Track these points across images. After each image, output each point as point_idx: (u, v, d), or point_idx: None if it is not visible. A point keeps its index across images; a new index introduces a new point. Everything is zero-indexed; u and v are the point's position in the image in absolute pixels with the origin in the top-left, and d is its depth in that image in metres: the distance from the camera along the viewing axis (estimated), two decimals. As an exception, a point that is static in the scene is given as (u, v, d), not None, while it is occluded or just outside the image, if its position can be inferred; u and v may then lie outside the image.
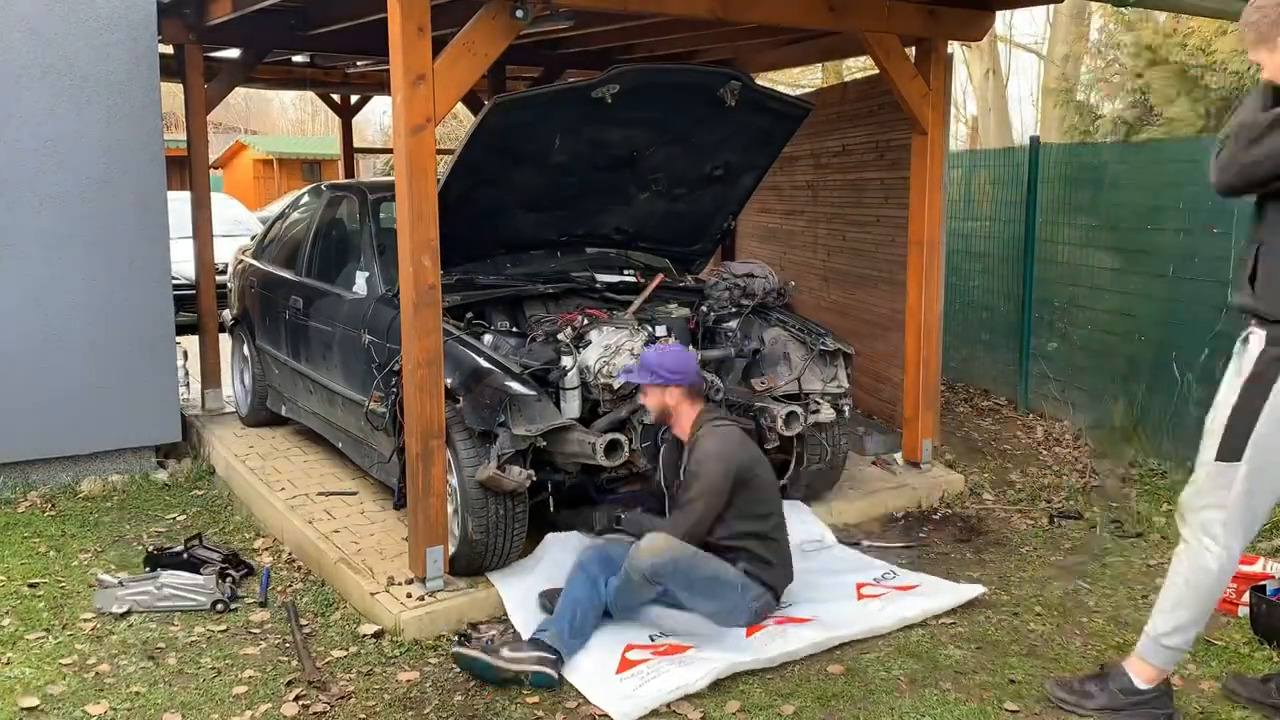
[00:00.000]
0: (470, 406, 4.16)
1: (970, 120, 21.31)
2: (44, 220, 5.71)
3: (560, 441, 4.23)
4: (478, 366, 4.29)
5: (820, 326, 5.29)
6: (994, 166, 7.97)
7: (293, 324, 5.89)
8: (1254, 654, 3.86)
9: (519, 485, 4.10)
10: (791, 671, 3.71)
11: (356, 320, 5.16)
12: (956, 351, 8.00)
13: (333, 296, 5.54)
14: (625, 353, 4.45)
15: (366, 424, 4.90)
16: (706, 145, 5.28)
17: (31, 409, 5.70)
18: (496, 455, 4.09)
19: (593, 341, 4.58)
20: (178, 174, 7.88)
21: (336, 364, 5.36)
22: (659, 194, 5.48)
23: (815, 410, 4.93)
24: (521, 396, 4.15)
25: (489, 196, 4.94)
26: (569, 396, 4.43)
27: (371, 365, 4.85)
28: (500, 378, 4.22)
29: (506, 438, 4.10)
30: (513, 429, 4.09)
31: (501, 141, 4.64)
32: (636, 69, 4.76)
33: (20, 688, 3.65)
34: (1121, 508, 5.51)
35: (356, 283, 5.35)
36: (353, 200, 5.90)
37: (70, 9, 5.69)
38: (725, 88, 4.86)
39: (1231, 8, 5.22)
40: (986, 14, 5.61)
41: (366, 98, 12.09)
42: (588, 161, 5.04)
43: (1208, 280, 5.80)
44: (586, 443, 4.20)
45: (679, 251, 5.98)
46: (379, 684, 3.67)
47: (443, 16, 4.14)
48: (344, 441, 5.50)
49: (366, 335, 4.99)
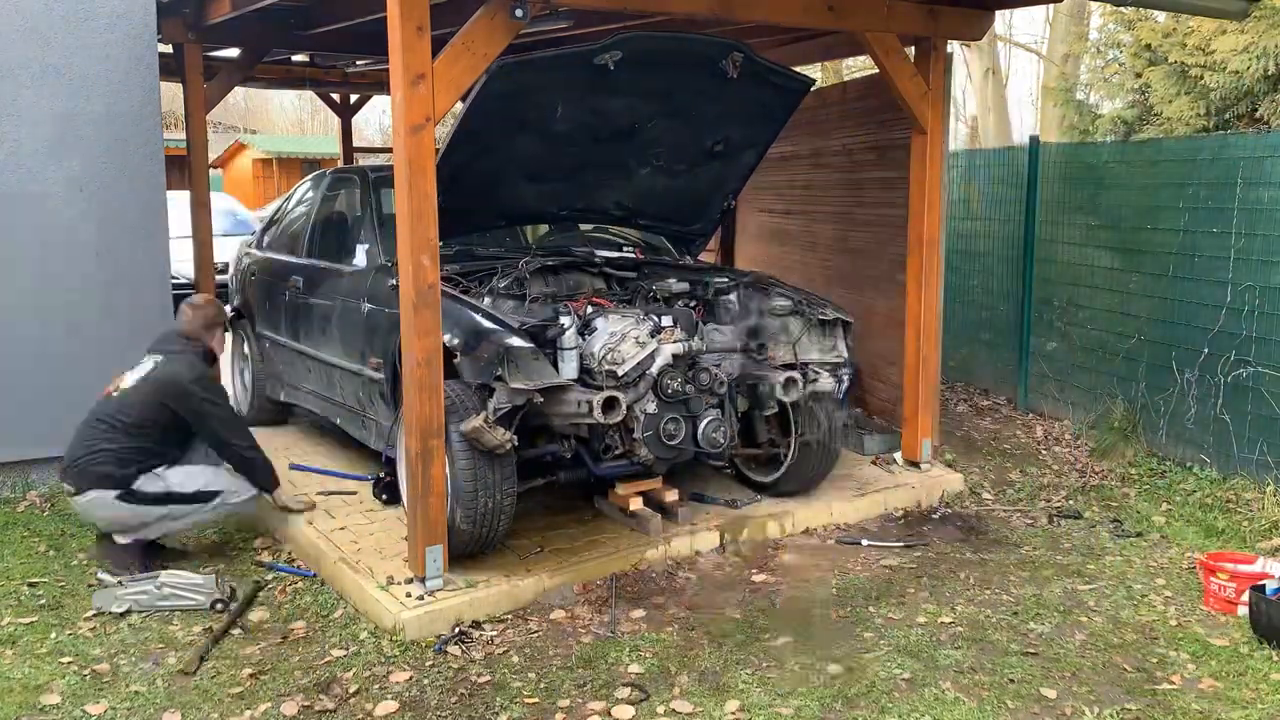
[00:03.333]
0: (468, 361, 4.15)
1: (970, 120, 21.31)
2: (44, 220, 5.71)
3: (557, 402, 4.22)
4: (476, 322, 4.30)
5: (819, 297, 5.29)
6: (994, 166, 7.96)
7: (293, 304, 5.93)
8: (1254, 654, 3.86)
9: (500, 444, 4.07)
10: (791, 671, 3.71)
11: (356, 291, 5.20)
12: (956, 351, 8.00)
13: (333, 272, 5.59)
14: (631, 340, 4.44)
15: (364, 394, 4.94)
16: (708, 118, 5.25)
17: (31, 408, 5.69)
18: (493, 409, 4.08)
19: (598, 329, 4.56)
20: (177, 173, 7.88)
21: (335, 336, 5.41)
22: (659, 169, 5.45)
23: (814, 379, 4.93)
24: (519, 349, 4.13)
25: (489, 165, 4.92)
26: (567, 357, 4.40)
27: (370, 332, 4.87)
28: (500, 333, 4.21)
29: (503, 392, 4.07)
30: (510, 383, 4.06)
31: (503, 107, 4.60)
32: (640, 35, 4.72)
33: (20, 687, 3.65)
34: (1121, 507, 5.51)
35: (356, 255, 5.42)
36: (354, 180, 5.98)
37: (70, 9, 5.68)
38: (728, 58, 4.83)
39: (1231, 7, 5.23)
40: (986, 13, 5.61)
41: (366, 97, 12.09)
42: (588, 132, 5.01)
43: (1208, 280, 5.81)
44: (584, 401, 4.18)
45: (678, 230, 5.98)
46: (379, 683, 3.67)
47: (442, 16, 4.14)
48: (342, 417, 5.52)
49: (366, 304, 5.03)
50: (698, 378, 4.60)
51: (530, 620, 4.14)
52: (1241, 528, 5.10)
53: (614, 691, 3.58)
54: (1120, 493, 5.73)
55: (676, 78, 4.88)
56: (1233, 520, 5.19)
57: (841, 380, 5.07)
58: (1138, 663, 3.81)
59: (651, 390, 4.47)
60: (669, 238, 5.98)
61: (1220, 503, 5.37)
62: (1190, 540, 5.03)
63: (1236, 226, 5.60)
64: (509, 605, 4.21)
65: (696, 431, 4.59)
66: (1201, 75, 7.66)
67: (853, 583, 4.52)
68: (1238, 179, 5.62)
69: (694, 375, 4.60)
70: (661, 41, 4.97)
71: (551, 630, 4.06)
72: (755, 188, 7.89)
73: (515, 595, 4.26)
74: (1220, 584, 4.23)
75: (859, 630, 4.05)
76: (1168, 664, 3.81)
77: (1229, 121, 7.74)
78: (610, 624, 4.09)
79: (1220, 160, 5.77)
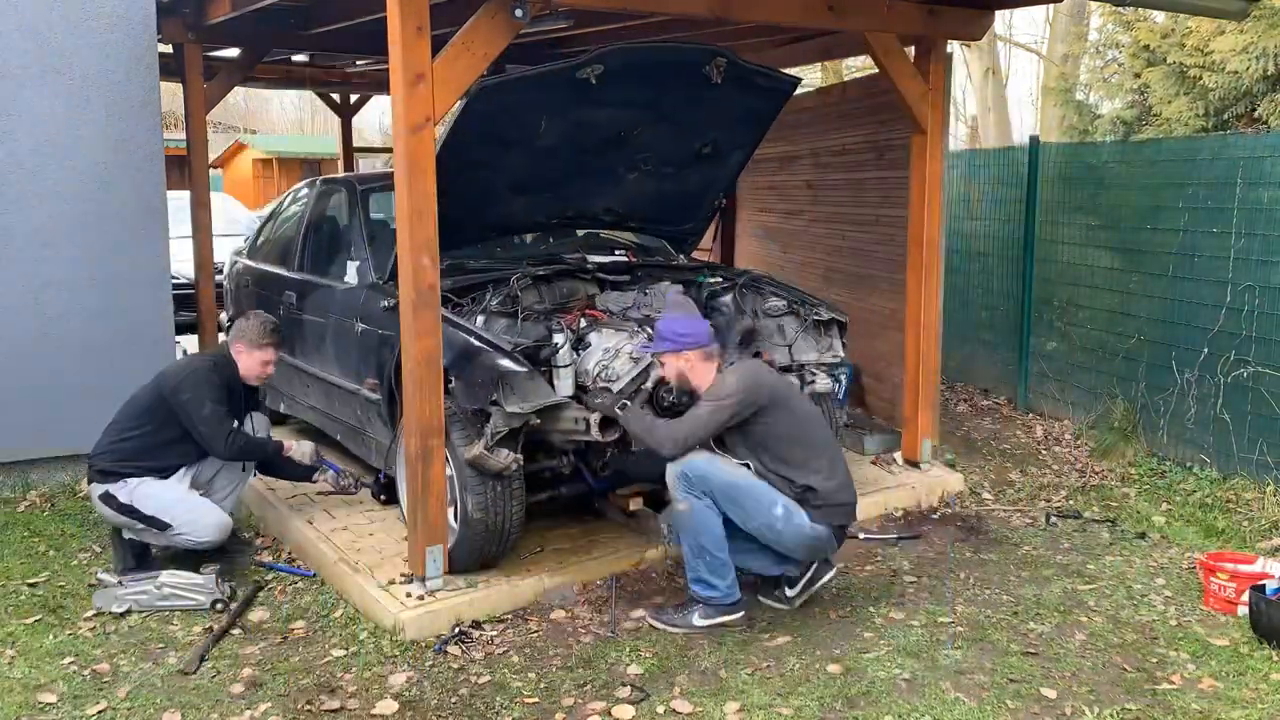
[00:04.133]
0: (463, 386, 4.14)
1: (970, 120, 21.31)
2: (43, 220, 5.70)
3: (555, 420, 4.22)
4: (469, 346, 4.28)
5: (814, 297, 5.28)
6: (993, 166, 7.96)
7: (287, 319, 5.89)
8: (1254, 654, 3.86)
9: (505, 467, 4.08)
10: (791, 671, 3.71)
11: (349, 310, 5.17)
12: (956, 351, 8.00)
13: (325, 288, 5.55)
14: (624, 356, 4.43)
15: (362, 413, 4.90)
16: (694, 123, 5.23)
17: (31, 408, 5.70)
18: (490, 434, 4.07)
19: (592, 344, 4.55)
20: (177, 173, 7.87)
21: (331, 355, 5.38)
22: (648, 173, 5.43)
23: (811, 381, 4.91)
24: (513, 373, 4.13)
25: (477, 181, 4.90)
26: (562, 374, 4.37)
27: (365, 353, 4.84)
28: (492, 356, 4.20)
29: (500, 416, 4.07)
30: (505, 406, 4.06)
31: (487, 126, 4.58)
32: (621, 47, 4.68)
33: (20, 687, 3.65)
34: (1121, 507, 5.51)
35: (348, 272, 5.37)
36: (342, 193, 5.93)
37: (70, 9, 5.68)
38: (711, 63, 4.81)
39: (1231, 7, 5.23)
40: (986, 13, 5.61)
41: (366, 97, 12.09)
42: (575, 143, 4.99)
43: (1208, 280, 5.81)
44: (581, 419, 4.18)
45: (670, 231, 5.98)
46: (379, 684, 3.67)
47: (442, 16, 4.14)
48: (342, 433, 5.52)
49: (359, 324, 5.00)
50: None
51: (530, 620, 4.14)
52: (1241, 528, 5.10)
53: (614, 691, 3.57)
54: (1120, 493, 5.73)
55: (661, 86, 4.87)
56: (1233, 520, 5.19)
57: (839, 380, 5.05)
58: (1138, 663, 3.81)
59: (647, 404, 4.46)
60: (661, 238, 5.97)
61: (1220, 503, 5.37)
62: (1190, 540, 5.03)
63: (1236, 226, 5.60)
64: (509, 605, 4.21)
65: None
66: (1200, 75, 7.66)
67: (853, 582, 4.52)
68: (1238, 179, 5.62)
69: None
70: (643, 54, 4.94)
71: (551, 630, 4.06)
72: (755, 188, 7.91)
73: (515, 595, 4.26)
74: (1220, 584, 4.23)
75: (859, 630, 4.05)
76: (1168, 664, 3.81)
77: (1228, 122, 7.74)
78: (610, 624, 4.09)
79: (1220, 160, 5.77)
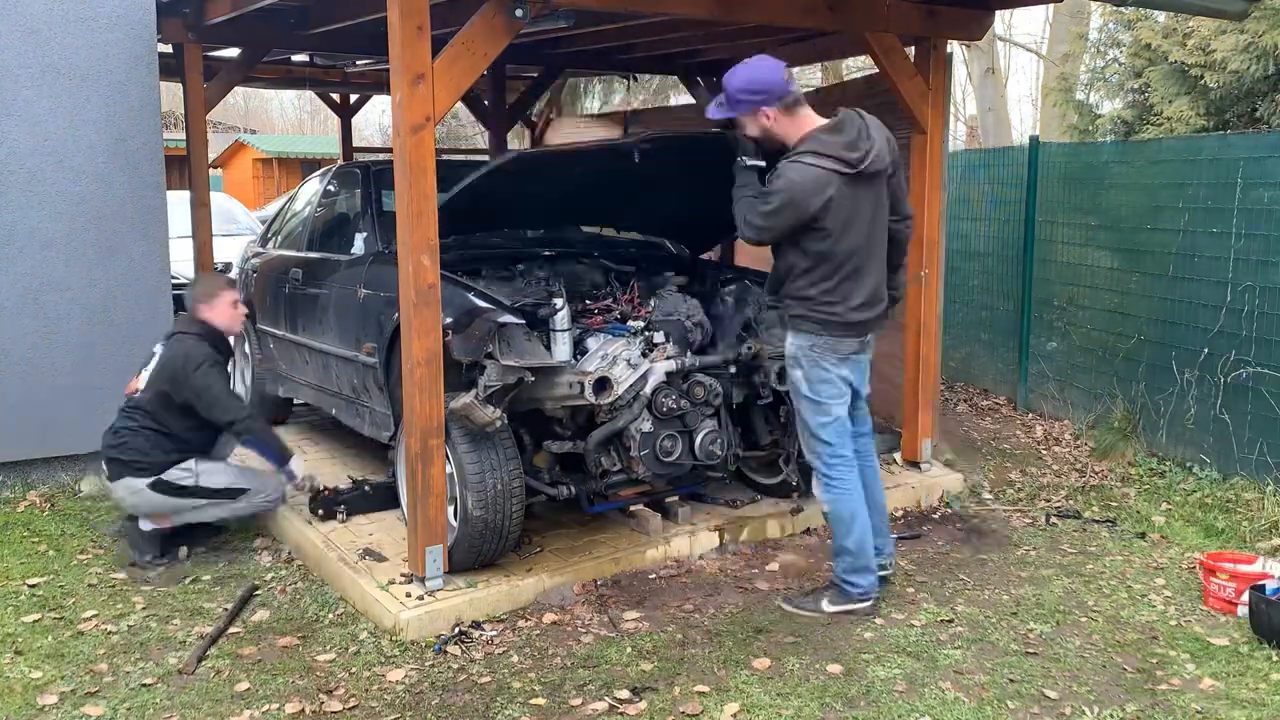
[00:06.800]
0: (459, 339, 4.15)
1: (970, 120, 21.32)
2: (43, 220, 5.70)
3: (549, 385, 4.23)
4: (467, 300, 4.32)
5: None
6: (993, 166, 7.96)
7: (291, 296, 5.96)
8: (1254, 654, 3.86)
9: (489, 422, 4.07)
10: (791, 671, 3.71)
11: (353, 278, 5.23)
12: (956, 351, 8.00)
13: (331, 262, 5.63)
14: (623, 362, 4.42)
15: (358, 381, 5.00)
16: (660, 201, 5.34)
17: (31, 408, 5.69)
18: (484, 386, 4.08)
19: (590, 349, 4.54)
20: (177, 173, 7.88)
21: (332, 325, 5.43)
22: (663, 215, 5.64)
23: None
24: (510, 326, 4.15)
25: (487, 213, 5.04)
26: (559, 339, 4.39)
27: (366, 317, 4.91)
28: (491, 311, 4.22)
29: (494, 370, 4.07)
30: (500, 360, 4.06)
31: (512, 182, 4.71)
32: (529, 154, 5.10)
33: (20, 687, 3.65)
34: (1121, 507, 5.51)
35: (355, 244, 5.49)
36: (353, 173, 6.05)
37: (70, 9, 5.68)
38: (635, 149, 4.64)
39: (1231, 7, 5.23)
40: (986, 13, 5.61)
41: (366, 97, 12.08)
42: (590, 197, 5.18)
43: (1208, 280, 5.80)
44: (575, 382, 4.19)
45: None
46: (379, 684, 3.67)
47: (442, 16, 4.14)
48: (338, 407, 5.57)
49: (362, 289, 5.06)
50: (692, 392, 4.58)
51: (530, 620, 4.14)
52: (1241, 528, 5.10)
53: (614, 691, 3.57)
54: (1120, 493, 5.73)
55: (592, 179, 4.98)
56: (1233, 520, 5.19)
57: None
58: (1138, 663, 3.81)
59: (646, 409, 4.45)
60: None
61: (1220, 503, 5.37)
62: (1190, 540, 5.03)
63: (1236, 226, 5.59)
64: (509, 605, 4.22)
65: (694, 445, 4.59)
66: (1201, 75, 7.65)
67: (853, 583, 4.51)
68: (1238, 179, 5.62)
69: (688, 389, 4.58)
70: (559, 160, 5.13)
71: (551, 630, 4.06)
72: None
73: (515, 595, 4.25)
74: (1220, 584, 4.23)
75: (859, 630, 4.04)
76: (1168, 664, 3.81)
77: (1229, 121, 7.73)
78: (610, 624, 4.09)
79: (1220, 160, 5.77)
